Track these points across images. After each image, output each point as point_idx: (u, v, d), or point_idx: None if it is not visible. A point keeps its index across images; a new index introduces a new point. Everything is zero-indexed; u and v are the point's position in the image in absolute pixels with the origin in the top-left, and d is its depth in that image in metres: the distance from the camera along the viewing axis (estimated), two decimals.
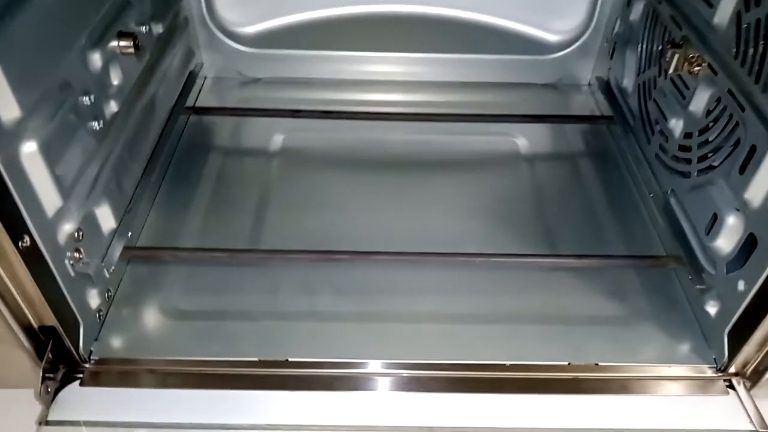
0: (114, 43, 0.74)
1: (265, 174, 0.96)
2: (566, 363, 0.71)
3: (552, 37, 1.12)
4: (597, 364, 0.71)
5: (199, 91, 1.11)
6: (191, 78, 1.05)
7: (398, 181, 0.96)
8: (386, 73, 1.15)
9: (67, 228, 0.64)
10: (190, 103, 1.05)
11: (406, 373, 0.70)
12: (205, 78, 1.14)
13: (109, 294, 0.75)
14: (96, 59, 0.71)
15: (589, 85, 1.16)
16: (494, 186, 0.96)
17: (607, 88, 1.07)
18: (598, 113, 1.10)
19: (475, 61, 1.15)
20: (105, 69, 0.74)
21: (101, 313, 0.73)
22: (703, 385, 0.71)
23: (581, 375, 0.71)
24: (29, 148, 0.57)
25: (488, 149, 1.03)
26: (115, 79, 0.76)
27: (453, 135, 1.05)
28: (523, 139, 1.04)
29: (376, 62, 1.15)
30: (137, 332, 0.73)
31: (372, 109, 1.08)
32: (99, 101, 0.72)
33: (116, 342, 0.72)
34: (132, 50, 0.76)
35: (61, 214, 0.63)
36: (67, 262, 0.65)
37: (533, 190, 0.95)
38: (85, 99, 0.68)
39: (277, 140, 1.02)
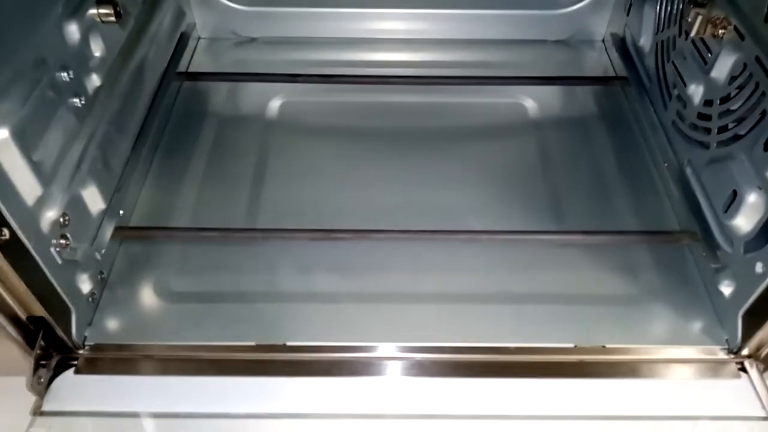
0: (93, 11, 0.69)
1: (262, 143, 0.92)
2: (572, 345, 0.69)
3: None
4: (604, 347, 0.69)
5: (193, 53, 1.06)
6: (183, 40, 1.00)
7: (401, 150, 0.91)
8: (388, 31, 1.09)
9: (51, 215, 0.62)
10: (182, 66, 1.00)
11: (408, 357, 0.68)
12: (199, 39, 1.09)
13: (102, 276, 0.73)
14: (73, 30, 0.66)
15: (603, 41, 1.10)
16: (501, 153, 0.91)
17: (622, 45, 1.01)
18: (612, 72, 1.04)
19: (482, 17, 1.08)
20: (85, 40, 0.69)
21: (94, 296, 0.71)
22: (714, 368, 0.69)
23: (588, 358, 0.69)
24: (0, 135, 0.54)
25: (495, 113, 0.98)
26: (97, 50, 0.72)
27: (458, 97, 1.00)
28: (531, 102, 0.99)
29: (378, 19, 1.08)
30: (132, 315, 0.71)
31: (373, 70, 1.03)
32: (79, 76, 0.68)
33: (111, 325, 0.71)
34: (113, 18, 0.71)
35: (42, 202, 0.60)
36: (52, 249, 0.62)
37: (541, 156, 0.91)
38: (64, 75, 0.64)
39: (274, 106, 0.98)
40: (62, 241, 0.63)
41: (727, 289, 0.70)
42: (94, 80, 0.71)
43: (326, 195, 0.84)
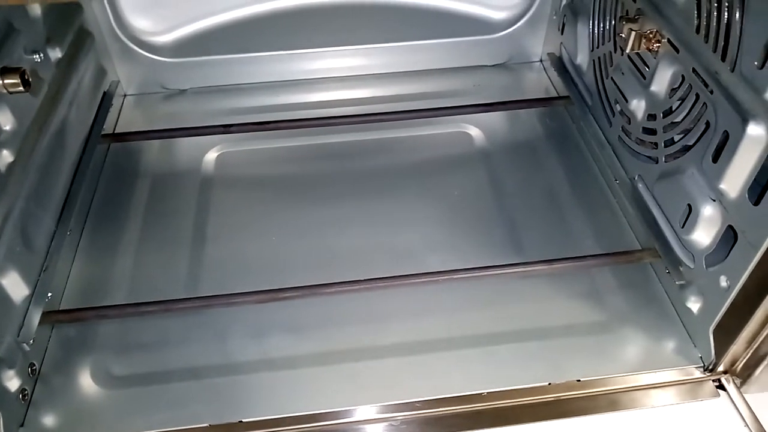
0: None
1: (200, 200, 0.86)
2: (547, 383, 0.66)
3: (497, 14, 1.04)
4: (579, 381, 0.66)
5: (119, 112, 1.00)
6: (106, 100, 0.94)
7: (347, 192, 0.88)
8: (324, 70, 1.06)
9: None
10: (108, 127, 0.95)
11: (376, 418, 0.63)
12: (125, 96, 1.03)
13: (33, 368, 0.66)
14: None
15: (541, 61, 1.09)
16: (452, 186, 0.88)
17: (560, 65, 1.00)
18: (553, 92, 1.04)
19: (418, 48, 1.06)
20: None
21: (25, 393, 0.64)
22: (692, 389, 0.66)
23: (564, 395, 0.65)
24: None
25: (441, 144, 0.96)
26: (6, 123, 0.66)
27: (401, 132, 0.97)
28: (476, 130, 0.97)
29: (312, 59, 1.05)
30: (70, 409, 0.65)
31: (312, 112, 0.99)
32: None
33: (48, 422, 0.64)
34: (21, 88, 0.65)
35: None
36: None
37: (493, 185, 0.88)
38: None
39: (210, 159, 0.93)
40: None
41: (694, 305, 0.68)
42: (5, 156, 0.65)
43: (273, 248, 0.80)
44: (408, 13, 1.02)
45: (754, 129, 0.56)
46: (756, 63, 0.55)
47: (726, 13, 0.59)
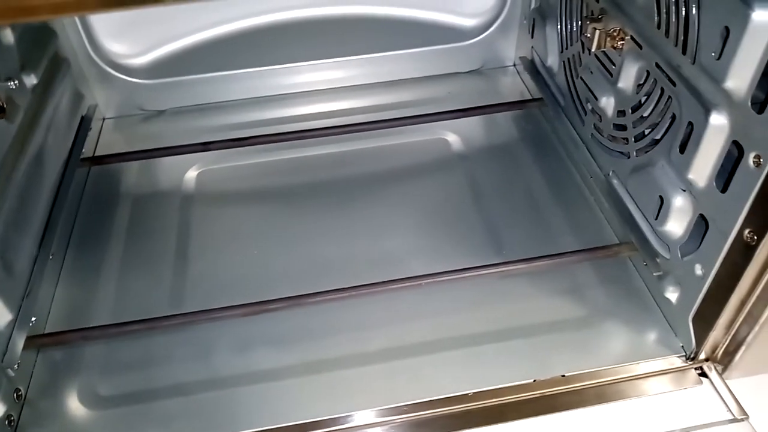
0: None
1: (182, 218, 0.87)
2: (532, 380, 0.66)
3: (468, 22, 1.06)
4: (564, 376, 0.67)
5: (99, 135, 1.01)
6: (85, 124, 0.95)
7: (329, 203, 0.88)
8: (301, 84, 1.08)
9: None
10: (88, 151, 0.95)
11: (365, 424, 0.64)
12: (104, 119, 1.04)
13: (19, 394, 0.66)
14: None
15: (515, 65, 1.11)
16: (432, 192, 0.89)
17: (532, 68, 1.02)
18: (527, 95, 1.05)
19: (393, 58, 1.08)
20: None
21: (11, 419, 0.64)
22: (675, 379, 0.67)
23: (550, 391, 0.66)
24: None
25: (419, 152, 0.97)
26: None
27: (379, 141, 0.98)
28: (454, 135, 0.98)
29: (289, 74, 1.06)
30: None
31: (291, 126, 1.00)
32: None
33: None
34: None
35: None
36: None
37: (472, 189, 0.89)
38: None
39: (191, 177, 0.93)
40: None
41: (673, 295, 0.69)
42: None
43: (256, 262, 0.80)
44: (382, 25, 1.04)
45: (716, 119, 0.58)
46: (714, 54, 0.57)
47: (684, 8, 0.61)
